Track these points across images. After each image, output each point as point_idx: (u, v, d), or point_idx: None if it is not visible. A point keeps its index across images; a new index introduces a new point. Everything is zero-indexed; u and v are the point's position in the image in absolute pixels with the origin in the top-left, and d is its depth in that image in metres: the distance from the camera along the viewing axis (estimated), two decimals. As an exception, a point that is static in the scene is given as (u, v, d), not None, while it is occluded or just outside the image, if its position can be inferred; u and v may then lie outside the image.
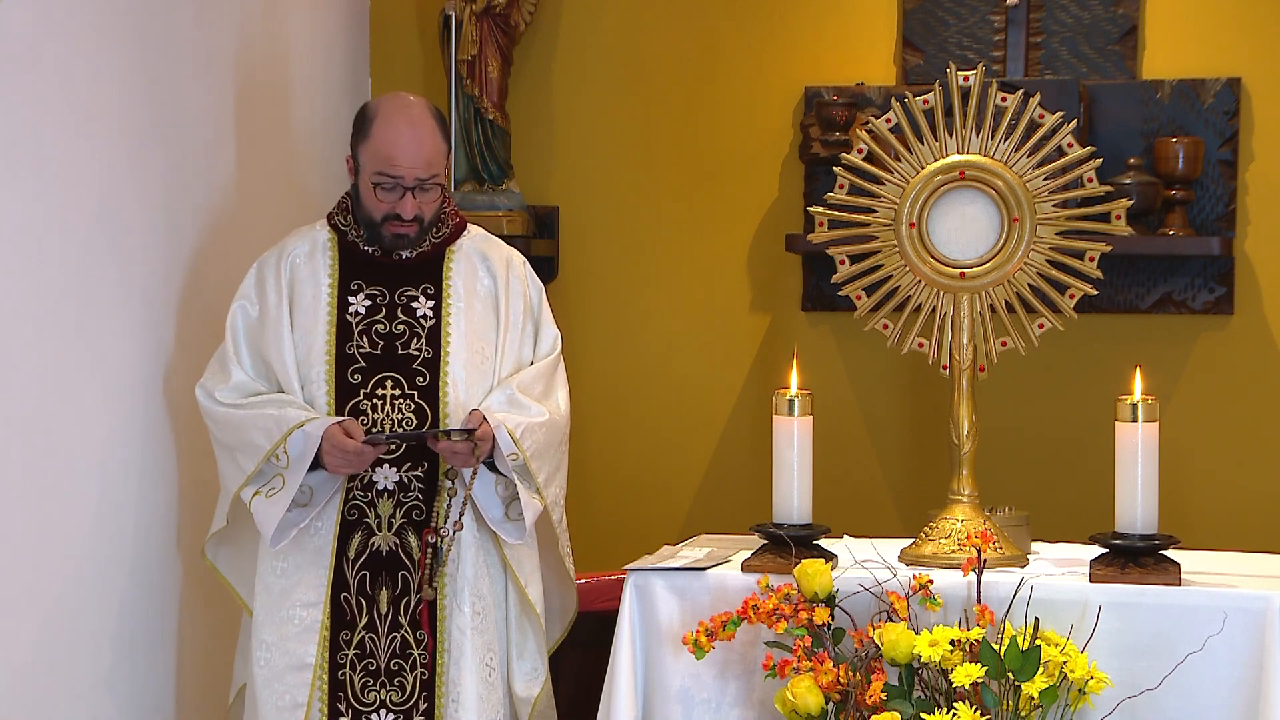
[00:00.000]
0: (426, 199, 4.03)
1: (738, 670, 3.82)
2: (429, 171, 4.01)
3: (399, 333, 4.05)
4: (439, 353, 4.04)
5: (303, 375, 4.03)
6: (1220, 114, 5.09)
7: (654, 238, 5.49)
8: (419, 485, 4.00)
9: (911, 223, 3.96)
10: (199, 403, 4.07)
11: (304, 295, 4.07)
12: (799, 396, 3.91)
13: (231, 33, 4.74)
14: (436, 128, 4.05)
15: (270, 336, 4.05)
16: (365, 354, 4.03)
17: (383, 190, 4.00)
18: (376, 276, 4.08)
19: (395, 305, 4.07)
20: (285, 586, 4.01)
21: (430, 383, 4.02)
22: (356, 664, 4.00)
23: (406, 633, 4.00)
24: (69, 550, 3.99)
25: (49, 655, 3.93)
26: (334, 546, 4.00)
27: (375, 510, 4.00)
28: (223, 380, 4.05)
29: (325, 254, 4.10)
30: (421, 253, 4.10)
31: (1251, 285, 5.10)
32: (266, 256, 4.14)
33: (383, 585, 4.00)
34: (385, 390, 4.02)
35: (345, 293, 4.07)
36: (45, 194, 3.93)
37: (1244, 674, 3.56)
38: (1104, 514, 3.83)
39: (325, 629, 3.99)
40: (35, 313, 3.89)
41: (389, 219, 4.02)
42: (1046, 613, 3.60)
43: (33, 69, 3.90)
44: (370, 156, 4.02)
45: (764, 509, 3.95)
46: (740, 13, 5.42)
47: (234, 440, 4.01)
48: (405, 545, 4.00)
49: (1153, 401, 3.77)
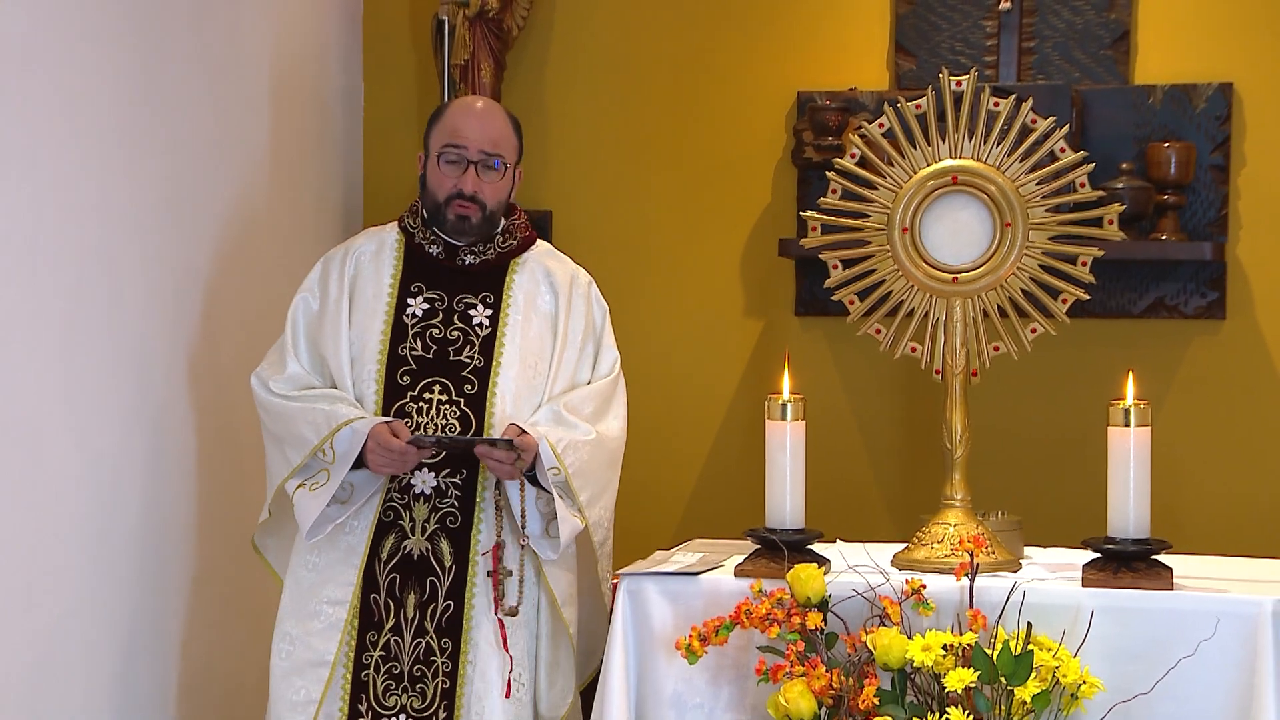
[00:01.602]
0: (490, 179, 4.07)
1: (730, 675, 3.82)
2: (494, 148, 4.07)
3: (453, 339, 4.06)
4: (490, 363, 4.05)
5: (355, 372, 4.04)
6: (1212, 119, 5.09)
7: (647, 242, 5.49)
8: (455, 492, 4.00)
9: (904, 227, 3.96)
10: (253, 390, 4.10)
11: (365, 293, 4.10)
12: (792, 401, 3.91)
13: (225, 37, 4.74)
14: (508, 118, 4.17)
15: (328, 331, 4.07)
16: (417, 357, 4.04)
17: (447, 164, 4.05)
18: (438, 281, 4.11)
19: (453, 311, 4.09)
20: (315, 582, 4.02)
21: (478, 392, 4.02)
22: (380, 666, 4.00)
23: (431, 639, 3.99)
24: (69, 547, 4.00)
25: (48, 653, 3.94)
26: (367, 547, 4.00)
27: (410, 514, 4.01)
28: (278, 371, 4.07)
29: (391, 254, 4.13)
30: (485, 260, 4.12)
31: (1244, 290, 5.10)
32: (333, 252, 4.18)
33: (411, 589, 3.99)
34: (432, 395, 4.02)
35: (405, 294, 4.09)
36: (40, 197, 3.93)
37: (1236, 678, 3.56)
38: (1097, 518, 3.83)
39: (352, 628, 3.99)
40: (30, 314, 3.89)
41: (452, 199, 4.05)
42: (1039, 617, 3.60)
43: (27, 72, 3.90)
44: (439, 133, 4.09)
45: (757, 513, 3.95)
46: (733, 17, 5.42)
47: (283, 431, 4.03)
48: (437, 551, 3.99)
49: (1145, 406, 3.77)
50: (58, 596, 3.97)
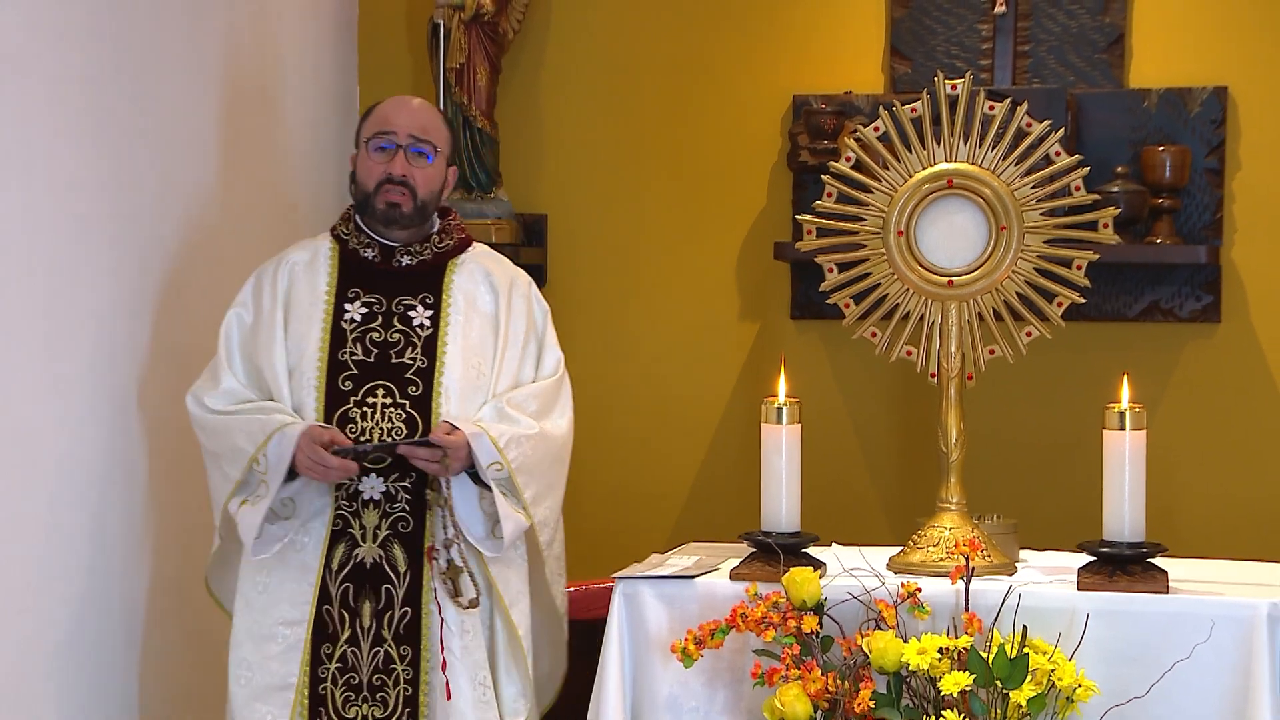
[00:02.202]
0: (420, 165, 4.01)
1: (726, 678, 3.81)
2: (424, 134, 4.02)
3: (394, 341, 4.00)
4: (434, 363, 3.98)
5: (294, 382, 3.97)
6: (1207, 123, 5.10)
7: (643, 245, 5.49)
8: (406, 497, 3.93)
9: (900, 231, 3.96)
10: (189, 410, 4.03)
11: (300, 302, 4.03)
12: (787, 404, 3.91)
13: (220, 40, 4.74)
14: (437, 110, 4.15)
15: (263, 341, 4.01)
16: (358, 361, 3.97)
17: (377, 150, 4.01)
18: (375, 284, 4.04)
19: (392, 313, 4.02)
20: (266, 604, 3.95)
21: (423, 393, 3.96)
22: (338, 678, 3.93)
23: (390, 647, 3.93)
24: (28, 558, 3.93)
25: (4, 667, 3.87)
26: (320, 563, 3.93)
27: (360, 521, 3.93)
28: (213, 387, 4.01)
29: (325, 262, 4.07)
30: (423, 260, 4.06)
31: (1238, 293, 5.10)
32: (266, 266, 4.12)
33: (366, 598, 3.93)
34: (376, 399, 3.95)
35: (342, 299, 4.03)
36: (30, 198, 3.92)
37: (1231, 681, 3.56)
38: (1092, 522, 3.83)
39: (308, 645, 3.93)
40: (11, 318, 3.87)
41: (382, 184, 3.99)
42: (1034, 620, 3.60)
43: (19, 73, 3.89)
44: (369, 125, 4.05)
45: (752, 517, 3.95)
46: (729, 21, 5.42)
47: (221, 447, 3.97)
48: (390, 558, 3.93)
49: (1140, 409, 3.78)
50: (15, 606, 3.89)
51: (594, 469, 5.48)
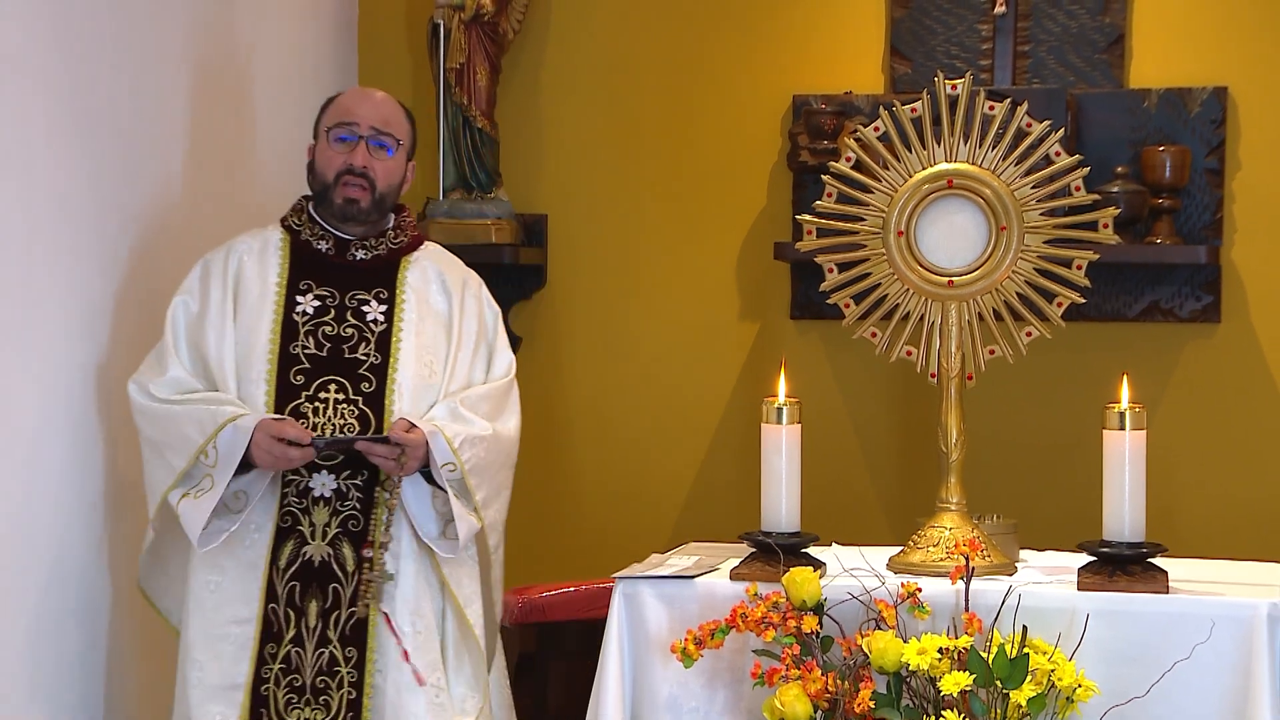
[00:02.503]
0: (381, 158, 3.96)
1: (726, 678, 3.81)
2: (386, 126, 3.97)
3: (347, 336, 3.94)
4: (387, 359, 3.93)
5: (241, 374, 3.90)
6: (1207, 123, 5.10)
7: (643, 245, 5.49)
8: (357, 494, 3.87)
9: (900, 231, 3.96)
10: (130, 398, 3.94)
11: (250, 292, 3.96)
12: (787, 404, 3.91)
13: (219, 40, 4.74)
14: (399, 104, 4.07)
15: (211, 333, 3.93)
16: (310, 355, 3.91)
17: (338, 141, 3.95)
18: (328, 277, 3.98)
19: (345, 308, 3.96)
20: (218, 602, 3.88)
21: (376, 389, 3.91)
22: (281, 679, 3.85)
23: (335, 649, 3.85)
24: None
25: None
26: (268, 558, 3.86)
27: (310, 518, 3.87)
28: (159, 374, 3.92)
29: (275, 252, 4.01)
30: (377, 255, 4.01)
31: (1238, 293, 5.10)
32: (213, 253, 4.03)
33: (313, 597, 3.86)
34: (328, 394, 3.89)
35: (294, 291, 3.96)
36: (32, 197, 3.92)
37: (1231, 682, 3.56)
38: (1092, 522, 3.83)
39: (256, 644, 3.86)
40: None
41: (341, 175, 3.94)
42: (1034, 620, 3.60)
43: (26, 75, 3.90)
44: (329, 115, 4.00)
45: (752, 517, 3.95)
46: (729, 21, 5.42)
47: (165, 436, 3.87)
48: (339, 557, 3.86)
49: (1140, 409, 3.78)
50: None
51: (594, 469, 5.48)
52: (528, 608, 4.52)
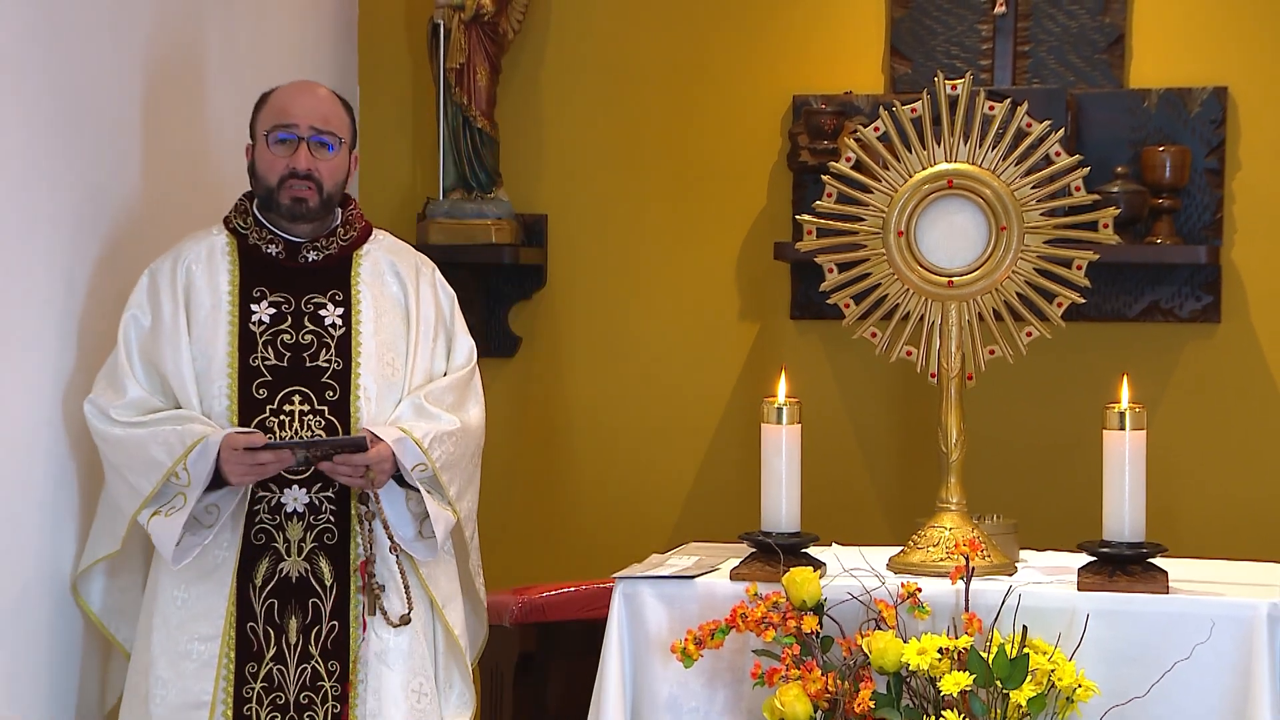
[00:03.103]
0: (324, 158, 3.84)
1: (726, 679, 3.81)
2: (326, 124, 3.85)
3: (307, 343, 3.83)
4: (349, 364, 3.83)
5: (202, 389, 3.80)
6: (1207, 123, 5.10)
7: (643, 245, 5.49)
8: (330, 507, 3.79)
9: (900, 231, 3.96)
10: (89, 421, 3.83)
11: (202, 304, 3.84)
12: (787, 405, 3.91)
13: (218, 40, 4.74)
14: (337, 98, 3.95)
15: (166, 348, 3.82)
16: (271, 366, 3.81)
17: (277, 144, 3.84)
18: (281, 282, 3.87)
19: (302, 314, 3.85)
20: (184, 619, 3.79)
21: (340, 397, 3.82)
22: (264, 698, 3.77)
23: (318, 664, 3.78)
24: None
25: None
26: (234, 574, 3.78)
27: (284, 534, 3.78)
28: (116, 397, 3.81)
29: (224, 258, 3.89)
30: (329, 255, 3.89)
31: (1238, 293, 5.10)
32: (159, 263, 3.91)
33: (292, 614, 3.78)
34: (293, 405, 3.80)
35: (248, 300, 3.84)
36: (14, 199, 3.90)
37: (1231, 682, 3.56)
38: (1092, 522, 3.83)
39: (229, 661, 3.77)
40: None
41: (286, 179, 3.82)
42: (1034, 620, 3.60)
43: (20, 73, 3.90)
44: (266, 116, 3.89)
45: (752, 517, 3.95)
46: (729, 21, 5.42)
47: (130, 460, 3.78)
48: (316, 571, 3.78)
49: (1140, 410, 3.78)
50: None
51: (594, 469, 5.48)
52: (528, 608, 4.51)
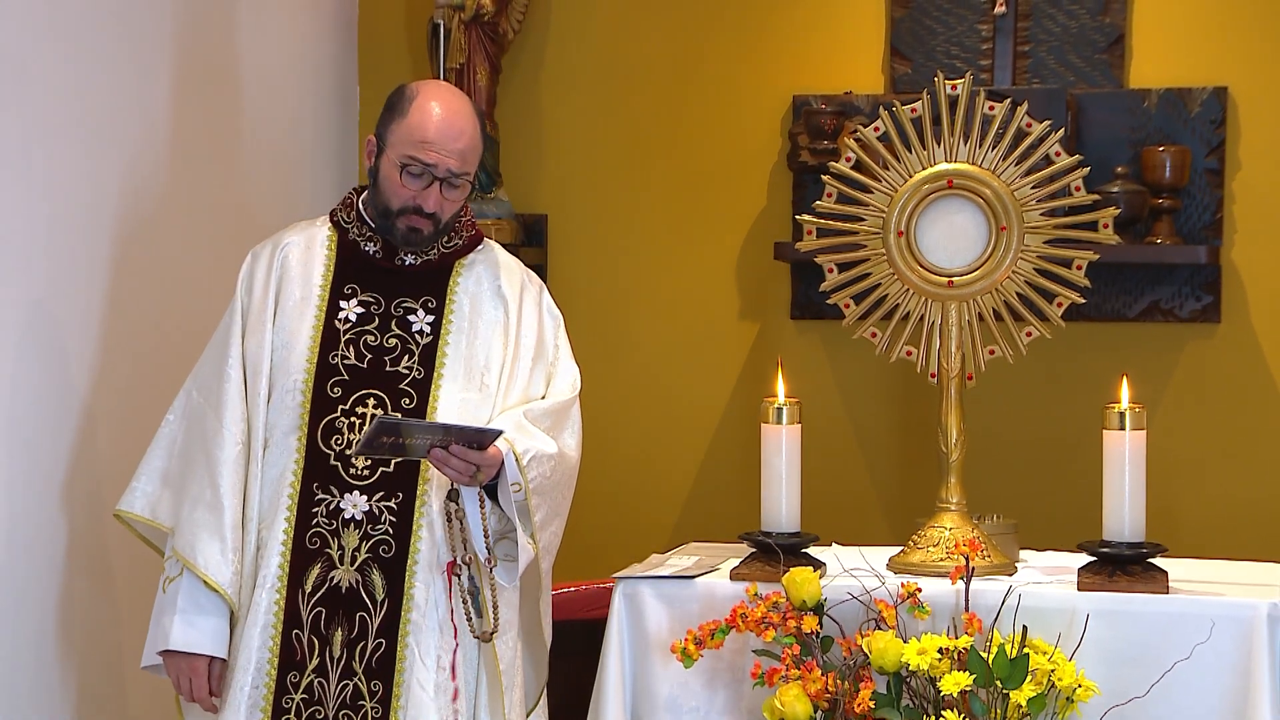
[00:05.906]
0: (452, 197, 3.64)
1: (726, 679, 3.82)
2: (463, 167, 3.62)
3: (390, 347, 3.66)
4: (431, 374, 3.64)
5: (276, 380, 3.64)
6: (1207, 123, 5.10)
7: (643, 246, 5.49)
8: (390, 518, 3.60)
9: (900, 231, 3.96)
10: (186, 407, 3.70)
11: (291, 294, 3.69)
12: (787, 404, 3.91)
13: (218, 41, 4.74)
14: (479, 126, 3.70)
15: (251, 332, 3.68)
16: (350, 366, 3.64)
17: (409, 176, 3.60)
18: (374, 282, 3.69)
19: (390, 316, 3.68)
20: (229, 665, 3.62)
21: (416, 406, 3.61)
22: (303, 710, 3.58)
23: (360, 681, 3.57)
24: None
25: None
26: (284, 580, 3.60)
27: (339, 541, 3.59)
28: (220, 411, 3.65)
29: (322, 251, 3.72)
30: (428, 260, 3.71)
31: (1238, 294, 5.10)
32: (261, 247, 3.76)
33: (338, 626, 3.58)
34: (366, 409, 3.61)
35: (338, 296, 3.68)
36: (34, 193, 3.92)
37: (1231, 682, 3.56)
38: (1092, 522, 3.84)
39: (271, 667, 3.59)
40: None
41: (408, 211, 3.63)
42: (1034, 620, 3.60)
43: (24, 78, 3.90)
44: (403, 137, 3.63)
45: (752, 517, 3.95)
46: (728, 21, 5.42)
47: (183, 468, 3.68)
48: (368, 583, 3.58)
49: (1140, 410, 3.78)
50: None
51: (594, 469, 5.45)
52: (528, 608, 4.51)
